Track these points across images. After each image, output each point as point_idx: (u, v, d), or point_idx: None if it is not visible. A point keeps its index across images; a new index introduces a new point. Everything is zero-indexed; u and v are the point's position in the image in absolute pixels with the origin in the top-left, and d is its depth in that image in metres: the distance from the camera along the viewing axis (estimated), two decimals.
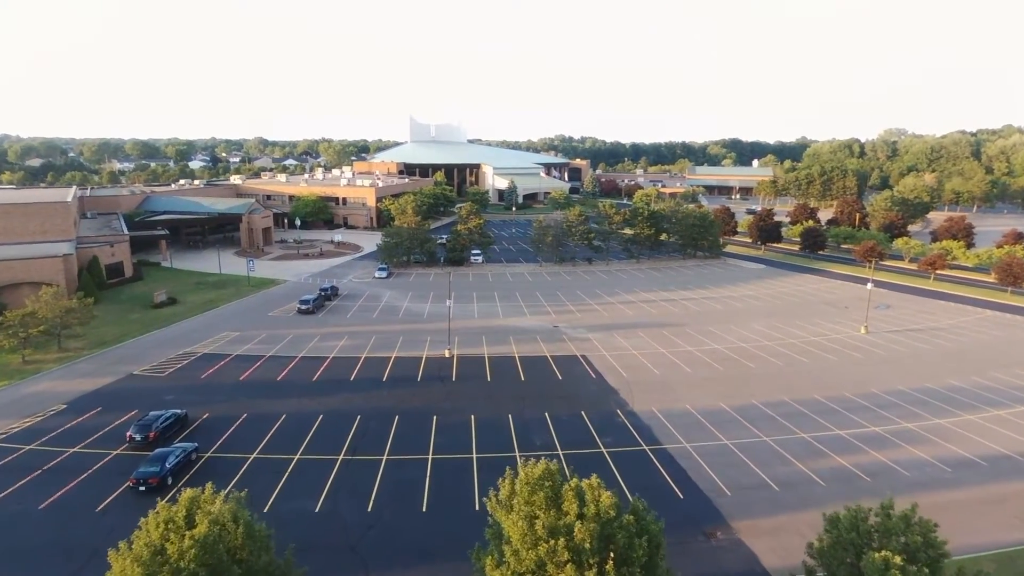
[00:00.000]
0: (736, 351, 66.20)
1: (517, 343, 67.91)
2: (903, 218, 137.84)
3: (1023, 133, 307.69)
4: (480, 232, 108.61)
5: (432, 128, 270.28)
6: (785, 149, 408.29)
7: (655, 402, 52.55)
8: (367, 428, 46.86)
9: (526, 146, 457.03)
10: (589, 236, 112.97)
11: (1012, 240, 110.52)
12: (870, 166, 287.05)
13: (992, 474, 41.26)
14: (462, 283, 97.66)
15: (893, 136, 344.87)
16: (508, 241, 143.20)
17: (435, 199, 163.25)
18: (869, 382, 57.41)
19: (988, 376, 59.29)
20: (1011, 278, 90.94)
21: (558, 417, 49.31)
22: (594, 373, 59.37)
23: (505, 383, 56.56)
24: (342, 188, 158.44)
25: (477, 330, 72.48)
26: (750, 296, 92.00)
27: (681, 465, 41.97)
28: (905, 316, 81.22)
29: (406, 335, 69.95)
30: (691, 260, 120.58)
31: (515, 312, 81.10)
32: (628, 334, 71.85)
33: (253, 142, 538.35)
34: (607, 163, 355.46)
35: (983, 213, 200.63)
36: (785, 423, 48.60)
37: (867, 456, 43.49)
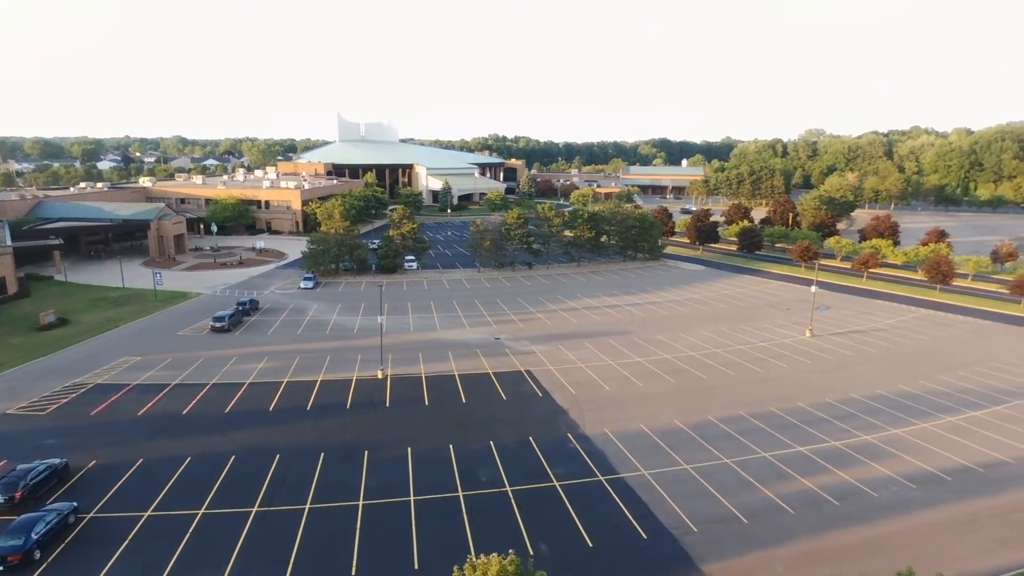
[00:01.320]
0: (687, 361, 63.52)
1: (457, 359, 62.92)
2: (832, 217, 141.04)
3: (929, 134, 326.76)
4: (414, 237, 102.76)
5: (362, 127, 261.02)
6: (712, 149, 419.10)
7: (608, 422, 48.78)
8: (287, 470, 40.83)
9: (460, 145, 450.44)
10: (529, 240, 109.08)
11: (935, 238, 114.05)
12: (793, 165, 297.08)
13: (958, 490, 39.52)
14: (396, 292, 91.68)
15: (813, 136, 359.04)
16: (444, 245, 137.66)
17: (366, 201, 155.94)
18: (823, 391, 55.69)
19: (936, 380, 58.77)
20: (940, 276, 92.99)
21: (505, 446, 44.73)
22: (541, 391, 55.14)
23: (445, 407, 51.50)
24: (265, 190, 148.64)
25: (413, 345, 67.03)
26: (694, 300, 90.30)
27: (641, 498, 38.19)
28: (846, 317, 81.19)
29: (334, 354, 63.72)
30: (632, 262, 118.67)
31: (454, 324, 76.03)
32: (574, 345, 68.11)
33: (171, 141, 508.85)
34: (542, 163, 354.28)
35: (900, 211, 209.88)
36: (745, 441, 45.77)
37: (832, 476, 41.04)
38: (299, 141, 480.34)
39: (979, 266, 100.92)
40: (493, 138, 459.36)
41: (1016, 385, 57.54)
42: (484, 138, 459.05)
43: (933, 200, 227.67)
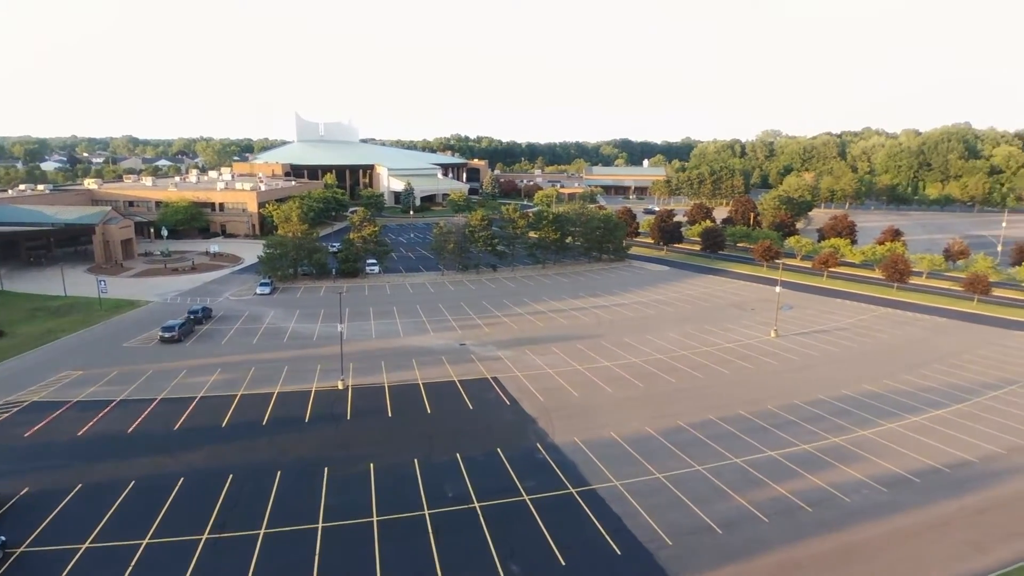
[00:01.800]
0: (655, 364, 62.84)
1: (421, 367, 60.95)
2: (791, 217, 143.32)
3: (880, 135, 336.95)
4: (376, 240, 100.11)
5: (321, 127, 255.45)
6: (672, 149, 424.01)
7: (578, 431, 47.55)
8: (241, 492, 38.37)
9: (422, 146, 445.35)
10: (493, 242, 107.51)
11: (891, 236, 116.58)
12: (751, 165, 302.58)
13: (927, 492, 39.47)
14: (357, 297, 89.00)
15: (770, 137, 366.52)
16: (407, 247, 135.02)
17: (325, 203, 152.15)
18: (790, 392, 55.58)
19: (899, 379, 59.33)
20: (897, 274, 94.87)
21: (472, 458, 43.06)
22: (508, 399, 53.64)
23: (409, 418, 49.54)
24: (219, 192, 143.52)
25: (375, 353, 64.78)
26: (660, 301, 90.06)
27: (614, 510, 36.99)
28: (809, 317, 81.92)
29: (292, 364, 61.05)
30: (597, 264, 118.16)
31: (417, 329, 73.94)
32: (541, 350, 66.81)
33: (120, 141, 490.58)
34: (504, 163, 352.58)
35: (854, 210, 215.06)
36: (716, 447, 45.09)
37: (804, 481, 40.57)
38: (256, 141, 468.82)
39: (933, 264, 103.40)
40: (456, 138, 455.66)
41: (975, 383, 58.47)
42: (446, 138, 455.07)
43: (885, 199, 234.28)
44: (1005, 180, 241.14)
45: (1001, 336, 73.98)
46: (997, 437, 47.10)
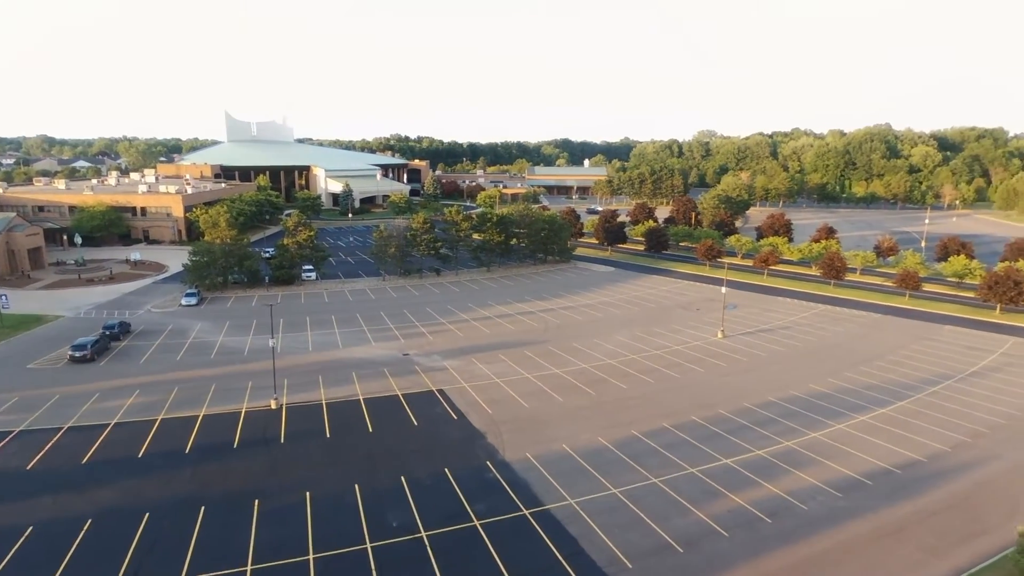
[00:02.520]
0: (605, 369, 61.43)
1: (362, 381, 57.51)
2: (731, 216, 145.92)
3: (808, 135, 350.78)
4: (312, 245, 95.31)
5: (253, 126, 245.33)
6: (612, 149, 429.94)
7: (529, 445, 45.40)
8: (158, 533, 34.33)
9: (361, 146, 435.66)
10: (436, 245, 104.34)
11: (825, 234, 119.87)
12: (688, 165, 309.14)
13: (881, 495, 39.17)
14: (292, 307, 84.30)
15: (706, 137, 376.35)
16: (346, 252, 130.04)
17: (258, 206, 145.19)
18: (741, 395, 55.11)
19: (842, 377, 59.90)
20: (834, 272, 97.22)
21: (418, 481, 40.23)
22: (455, 413, 50.99)
23: (349, 439, 46.21)
24: (141, 195, 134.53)
25: (312, 367, 60.89)
26: (606, 303, 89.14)
27: (570, 532, 34.96)
28: (753, 316, 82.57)
29: (221, 382, 56.52)
30: (543, 265, 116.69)
31: (358, 340, 70.25)
32: (488, 358, 64.41)
33: (35, 140, 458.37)
34: (446, 163, 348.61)
35: (787, 208, 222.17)
36: (671, 457, 43.79)
37: (760, 490, 39.66)
38: (185, 141, 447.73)
39: (866, 261, 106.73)
40: (395, 138, 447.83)
41: (914, 379, 59.61)
42: (386, 138, 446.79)
43: (816, 197, 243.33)
44: (923, 179, 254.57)
45: (933, 331, 76.33)
46: (941, 434, 47.70)
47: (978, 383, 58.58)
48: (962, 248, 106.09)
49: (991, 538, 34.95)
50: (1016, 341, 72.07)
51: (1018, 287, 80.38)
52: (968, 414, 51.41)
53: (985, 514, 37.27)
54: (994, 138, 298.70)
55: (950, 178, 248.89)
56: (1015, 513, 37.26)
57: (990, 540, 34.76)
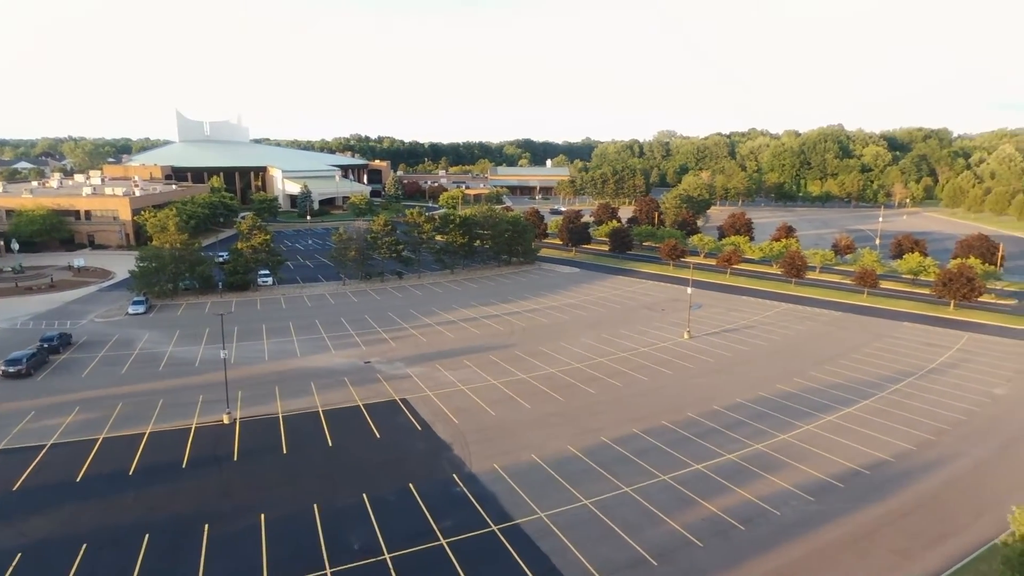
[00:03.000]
0: (572, 374, 60.34)
1: (321, 391, 55.13)
2: (693, 215, 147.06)
3: (765, 136, 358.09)
4: (267, 249, 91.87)
5: (206, 126, 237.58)
6: (574, 149, 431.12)
7: (497, 456, 43.89)
8: (95, 566, 31.69)
9: (319, 146, 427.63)
10: (398, 247, 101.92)
11: (785, 233, 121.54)
12: (649, 165, 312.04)
13: (852, 498, 38.90)
14: (248, 314, 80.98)
15: (666, 137, 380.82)
16: (304, 255, 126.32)
17: (211, 209, 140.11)
18: (709, 397, 54.64)
19: (808, 376, 60.08)
20: (794, 270, 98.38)
21: (381, 498, 38.32)
22: (419, 424, 49.13)
23: (307, 455, 43.94)
24: (85, 198, 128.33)
25: (268, 378, 58.20)
26: (572, 305, 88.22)
27: (541, 548, 33.59)
28: (717, 315, 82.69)
29: (169, 396, 53.45)
30: (507, 267, 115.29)
31: (317, 347, 67.64)
32: (453, 364, 62.67)
33: None
34: (407, 164, 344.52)
35: (746, 207, 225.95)
36: (642, 464, 42.83)
37: (733, 496, 38.97)
38: (136, 141, 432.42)
39: (825, 259, 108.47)
40: (355, 138, 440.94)
41: (877, 377, 60.14)
42: (345, 138, 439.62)
43: (773, 196, 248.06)
44: (875, 178, 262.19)
45: (892, 328, 77.57)
46: (906, 433, 47.95)
47: (938, 379, 59.42)
48: (915, 246, 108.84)
49: (960, 539, 34.91)
50: (971, 337, 73.70)
51: (970, 284, 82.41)
52: (930, 411, 51.93)
53: (953, 514, 37.30)
54: (939, 138, 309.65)
55: (900, 177, 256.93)
56: (982, 512, 37.39)
57: (960, 541, 34.71)
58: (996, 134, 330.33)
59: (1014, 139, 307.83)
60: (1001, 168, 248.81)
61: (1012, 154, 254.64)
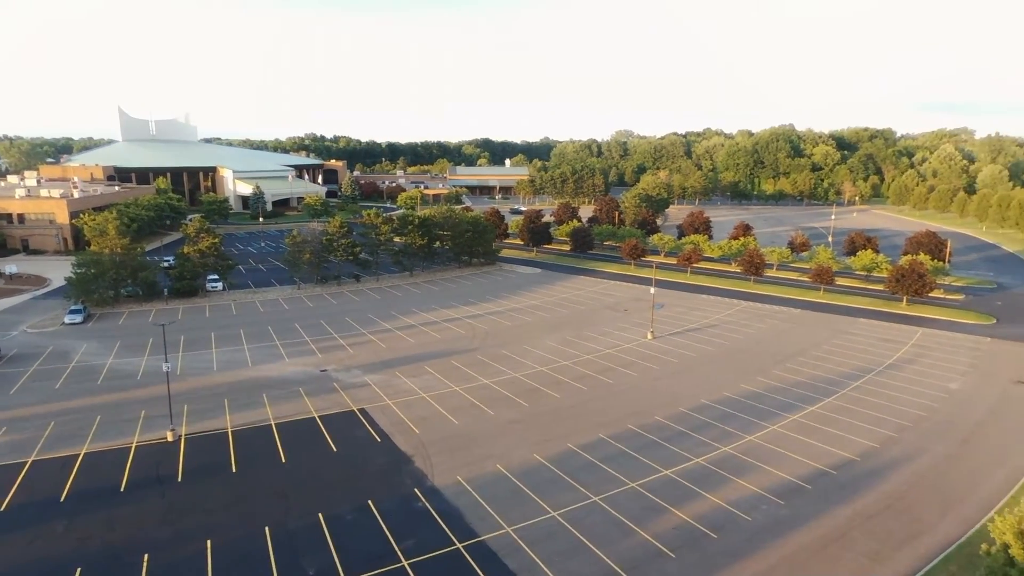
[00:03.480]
0: (537, 378, 58.96)
1: (274, 403, 52.39)
2: (652, 214, 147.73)
3: (719, 135, 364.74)
4: (216, 253, 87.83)
5: (152, 125, 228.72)
6: (532, 148, 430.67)
7: (460, 467, 42.14)
8: None
9: (273, 146, 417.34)
10: (355, 250, 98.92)
11: (742, 232, 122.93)
12: (607, 164, 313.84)
13: (821, 500, 38.52)
14: (196, 321, 77.13)
15: (623, 137, 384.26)
16: (257, 258, 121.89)
17: (156, 211, 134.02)
18: (675, 399, 53.99)
19: (771, 375, 60.10)
20: (753, 268, 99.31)
21: (338, 517, 36.15)
22: (379, 435, 46.99)
23: (259, 473, 41.36)
24: (18, 201, 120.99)
25: (217, 390, 55.10)
26: (535, 306, 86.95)
27: (509, 566, 32.02)
28: (680, 315, 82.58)
29: (108, 412, 49.96)
30: (468, 268, 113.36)
31: (269, 356, 64.61)
32: (414, 371, 60.58)
33: None
34: (364, 164, 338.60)
35: (703, 205, 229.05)
36: (610, 471, 41.69)
37: (703, 502, 38.14)
38: (77, 141, 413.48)
39: (782, 256, 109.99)
40: (310, 138, 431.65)
41: (837, 374, 60.58)
42: (300, 138, 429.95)
43: (729, 195, 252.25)
44: (825, 176, 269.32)
45: (849, 324, 78.70)
46: (869, 431, 48.10)
47: (896, 375, 60.19)
48: (868, 243, 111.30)
49: (929, 539, 34.79)
50: (924, 332, 75.27)
51: (922, 280, 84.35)
52: (891, 408, 52.36)
53: (921, 513, 37.23)
54: (884, 138, 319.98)
55: (848, 176, 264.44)
56: (948, 510, 37.47)
57: (928, 541, 34.57)
58: (936, 134, 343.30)
59: (953, 139, 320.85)
60: (943, 167, 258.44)
61: (952, 153, 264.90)
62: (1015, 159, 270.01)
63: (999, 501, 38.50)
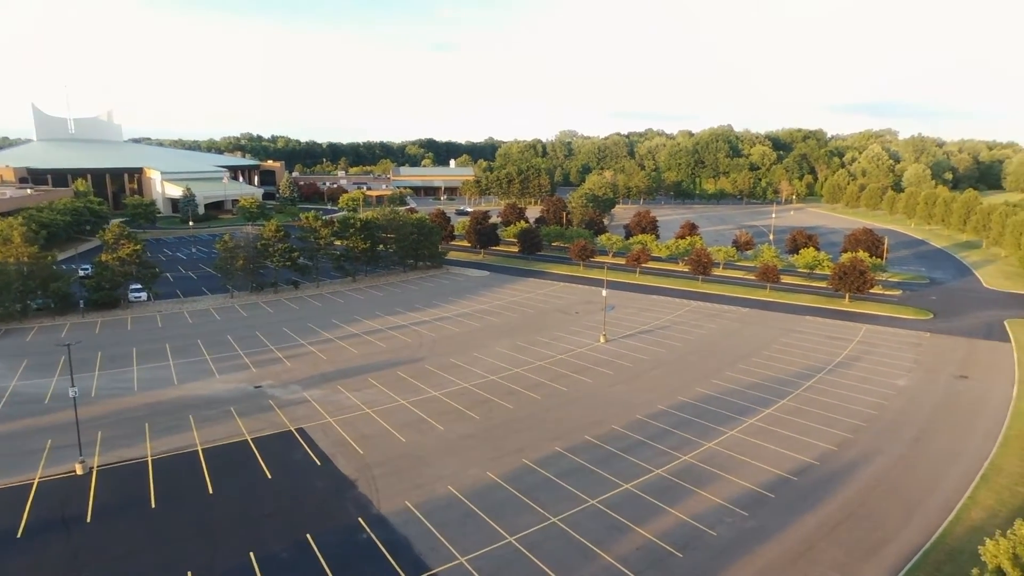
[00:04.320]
0: (489, 388, 56.31)
1: (201, 425, 47.93)
2: (599, 214, 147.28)
3: (661, 136, 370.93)
4: (138, 260, 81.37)
5: (70, 123, 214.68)
6: (476, 149, 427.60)
7: (409, 490, 39.07)
8: None
9: (207, 146, 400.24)
10: (293, 255, 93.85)
11: (688, 231, 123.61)
12: (552, 164, 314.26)
13: (784, 510, 37.31)
14: (115, 336, 71.03)
15: (567, 137, 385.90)
16: (187, 265, 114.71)
17: (74, 215, 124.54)
18: (631, 406, 52.32)
19: (724, 377, 59.31)
20: (701, 268, 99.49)
21: (272, 557, 32.55)
22: (318, 458, 43.36)
23: (182, 507, 37.18)
24: None
25: (137, 412, 50.13)
26: (484, 311, 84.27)
27: None
28: (631, 316, 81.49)
29: (7, 443, 44.58)
30: (413, 272, 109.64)
31: (198, 372, 59.67)
32: (357, 384, 56.96)
33: None
34: (304, 164, 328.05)
35: (647, 205, 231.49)
36: (568, 488, 39.45)
37: (667, 518, 36.33)
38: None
39: (728, 255, 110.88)
40: (246, 137, 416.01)
41: (789, 374, 60.35)
42: (236, 138, 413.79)
43: (672, 194, 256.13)
44: (762, 175, 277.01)
45: (796, 322, 79.31)
46: (825, 432, 47.57)
47: (845, 373, 60.41)
48: (809, 240, 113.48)
49: (894, 547, 33.92)
50: (868, 328, 76.47)
51: (863, 277, 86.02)
52: (844, 407, 52.17)
53: (883, 519, 36.45)
54: (816, 139, 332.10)
55: (784, 175, 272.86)
56: (910, 516, 36.83)
57: (894, 549, 33.70)
58: (864, 135, 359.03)
59: (879, 139, 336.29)
60: (871, 166, 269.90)
61: (879, 153, 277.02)
62: (935, 159, 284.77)
63: (957, 502, 38.23)
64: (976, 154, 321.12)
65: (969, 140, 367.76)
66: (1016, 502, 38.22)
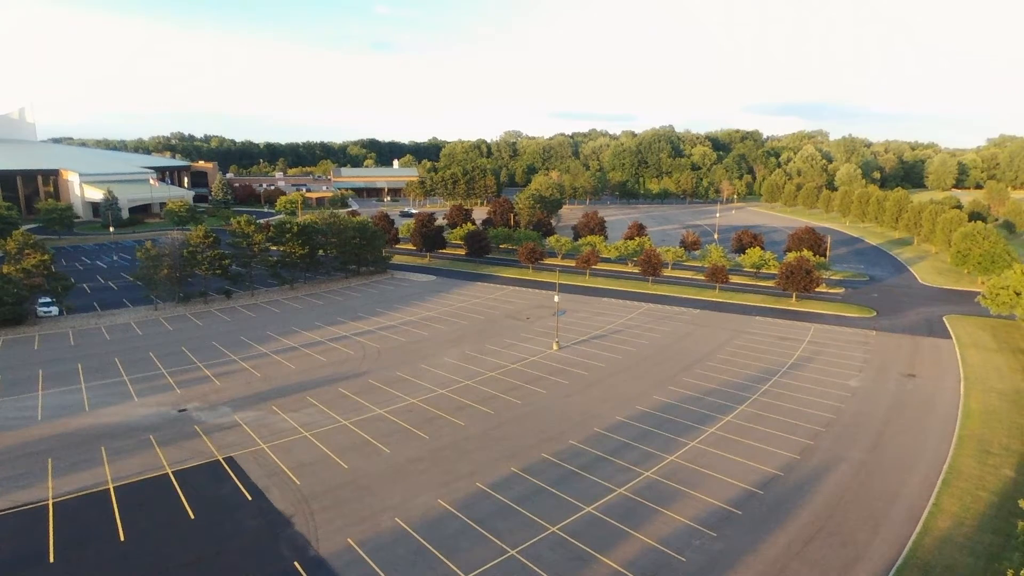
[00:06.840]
0: (437, 403, 52.89)
1: (114, 459, 42.75)
2: (547, 215, 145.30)
3: (604, 136, 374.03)
4: (47, 272, 73.95)
5: None
6: (420, 149, 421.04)
7: (351, 526, 35.36)
8: None
9: (134, 146, 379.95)
10: (223, 262, 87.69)
11: (637, 231, 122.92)
12: (498, 165, 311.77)
13: (753, 527, 35.51)
14: (19, 356, 64.04)
15: (512, 137, 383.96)
16: (107, 275, 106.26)
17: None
18: (588, 418, 49.91)
19: (681, 383, 57.72)
20: (651, 269, 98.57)
21: None
22: (249, 491, 39.04)
23: (86, 560, 32.37)
24: None
25: (37, 446, 44.40)
26: (431, 318, 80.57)
27: None
28: (583, 321, 79.40)
29: None
30: (356, 278, 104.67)
31: (114, 396, 53.92)
32: (294, 403, 52.56)
33: None
34: (240, 165, 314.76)
35: (593, 205, 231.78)
36: (526, 513, 36.58)
37: (632, 544, 33.93)
38: None
39: (676, 256, 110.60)
40: (177, 137, 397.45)
41: (744, 377, 59.30)
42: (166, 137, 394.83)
43: (617, 194, 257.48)
44: (704, 175, 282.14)
45: (746, 323, 78.93)
46: (786, 440, 46.34)
47: (799, 375, 59.81)
48: (754, 240, 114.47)
49: (866, 564, 32.48)
50: (816, 328, 76.74)
51: (809, 276, 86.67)
52: (801, 412, 51.24)
53: (853, 534, 35.06)
54: (754, 139, 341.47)
55: (725, 175, 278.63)
56: (877, 527, 35.61)
57: (868, 567, 32.25)
58: (797, 135, 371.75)
59: (812, 140, 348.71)
60: (805, 166, 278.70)
61: (813, 153, 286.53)
62: (864, 159, 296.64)
63: (922, 510, 37.31)
64: (900, 154, 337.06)
65: (894, 141, 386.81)
66: (979, 508, 37.62)
